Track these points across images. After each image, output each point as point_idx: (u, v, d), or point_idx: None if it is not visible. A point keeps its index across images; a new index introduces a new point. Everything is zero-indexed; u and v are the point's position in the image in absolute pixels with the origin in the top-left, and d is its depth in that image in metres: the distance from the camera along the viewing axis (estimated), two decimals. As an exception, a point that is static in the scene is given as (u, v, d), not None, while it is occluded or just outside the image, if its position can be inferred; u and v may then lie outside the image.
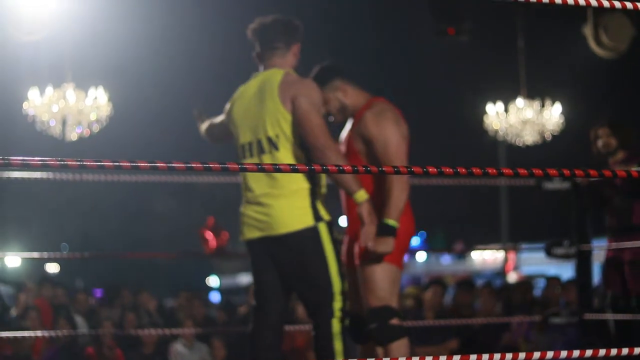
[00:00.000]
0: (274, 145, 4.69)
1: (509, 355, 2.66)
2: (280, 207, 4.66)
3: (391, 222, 4.80)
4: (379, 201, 4.88)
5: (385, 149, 4.92)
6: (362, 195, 4.63)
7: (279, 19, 4.93)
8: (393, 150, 4.92)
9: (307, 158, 4.68)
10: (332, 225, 4.75)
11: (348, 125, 5.19)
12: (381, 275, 4.91)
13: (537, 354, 2.62)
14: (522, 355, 2.64)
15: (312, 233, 4.66)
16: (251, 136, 4.78)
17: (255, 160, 4.74)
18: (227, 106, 5.05)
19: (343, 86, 5.13)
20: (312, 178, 4.70)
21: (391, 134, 4.94)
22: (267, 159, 4.69)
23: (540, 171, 2.56)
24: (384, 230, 4.78)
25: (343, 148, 5.12)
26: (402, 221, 4.90)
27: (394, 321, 4.88)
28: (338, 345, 4.63)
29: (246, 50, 5.08)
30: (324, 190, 4.83)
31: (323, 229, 4.69)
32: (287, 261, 4.73)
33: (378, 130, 4.95)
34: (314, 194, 4.71)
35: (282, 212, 4.66)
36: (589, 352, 2.76)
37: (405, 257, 5.18)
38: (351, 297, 5.13)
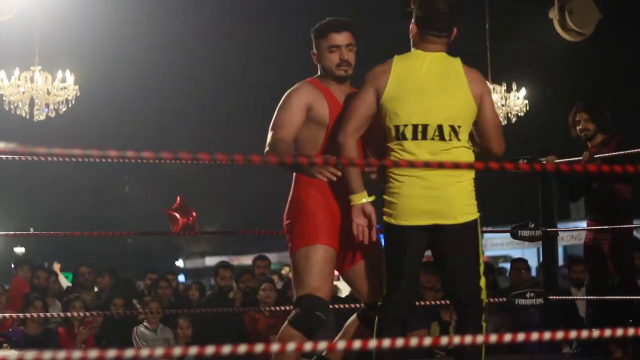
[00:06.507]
0: (456, 134, 4.53)
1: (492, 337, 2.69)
2: (457, 196, 4.53)
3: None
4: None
5: None
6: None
7: (455, 3, 4.69)
8: None
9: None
10: None
11: None
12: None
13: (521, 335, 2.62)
14: (507, 336, 2.66)
15: (476, 224, 4.57)
16: (427, 118, 4.52)
17: (428, 144, 4.52)
18: (376, 82, 4.63)
19: None
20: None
21: None
22: (444, 147, 4.52)
23: (510, 165, 2.58)
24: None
25: None
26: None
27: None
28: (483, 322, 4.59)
29: (216, 40, 4.98)
30: None
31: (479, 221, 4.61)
32: (453, 249, 4.57)
33: None
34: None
35: (459, 201, 4.53)
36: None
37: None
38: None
